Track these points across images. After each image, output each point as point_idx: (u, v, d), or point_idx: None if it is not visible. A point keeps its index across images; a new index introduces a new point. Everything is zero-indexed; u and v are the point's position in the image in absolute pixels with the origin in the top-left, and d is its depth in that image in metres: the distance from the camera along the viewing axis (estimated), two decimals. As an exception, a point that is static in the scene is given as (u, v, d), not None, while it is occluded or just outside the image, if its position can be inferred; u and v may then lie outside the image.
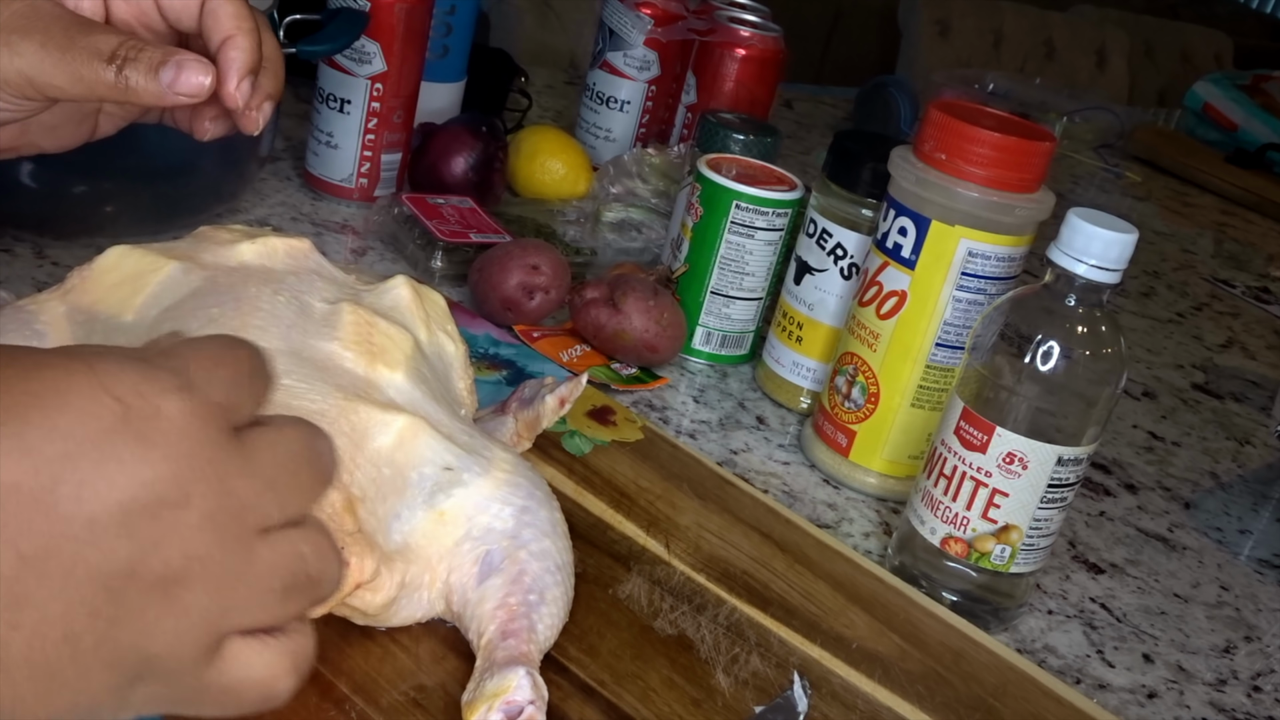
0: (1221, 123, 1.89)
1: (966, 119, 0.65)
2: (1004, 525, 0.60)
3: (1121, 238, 0.56)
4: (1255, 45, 3.40)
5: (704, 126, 0.88)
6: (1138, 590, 0.71)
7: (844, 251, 0.75)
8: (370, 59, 0.87)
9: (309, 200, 0.91)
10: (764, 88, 1.10)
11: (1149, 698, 0.62)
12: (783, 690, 0.51)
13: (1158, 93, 2.75)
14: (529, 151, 0.99)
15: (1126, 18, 2.81)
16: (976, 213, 0.65)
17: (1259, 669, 0.67)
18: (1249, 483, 0.89)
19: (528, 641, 0.46)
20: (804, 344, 0.78)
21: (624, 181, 0.98)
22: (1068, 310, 0.58)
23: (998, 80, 1.73)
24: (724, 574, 0.58)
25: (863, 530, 0.70)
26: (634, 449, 0.67)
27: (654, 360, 0.78)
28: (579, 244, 0.91)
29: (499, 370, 0.73)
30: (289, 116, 1.03)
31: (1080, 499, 0.80)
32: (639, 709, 0.48)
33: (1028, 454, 0.58)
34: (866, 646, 0.56)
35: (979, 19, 2.46)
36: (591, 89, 1.10)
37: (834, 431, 0.72)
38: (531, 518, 0.50)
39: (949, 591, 0.62)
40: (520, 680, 0.44)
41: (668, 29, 1.07)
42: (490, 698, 0.43)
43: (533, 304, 0.78)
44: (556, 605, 0.49)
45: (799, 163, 1.33)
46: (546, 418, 0.60)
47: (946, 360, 0.68)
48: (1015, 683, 0.56)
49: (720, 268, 0.80)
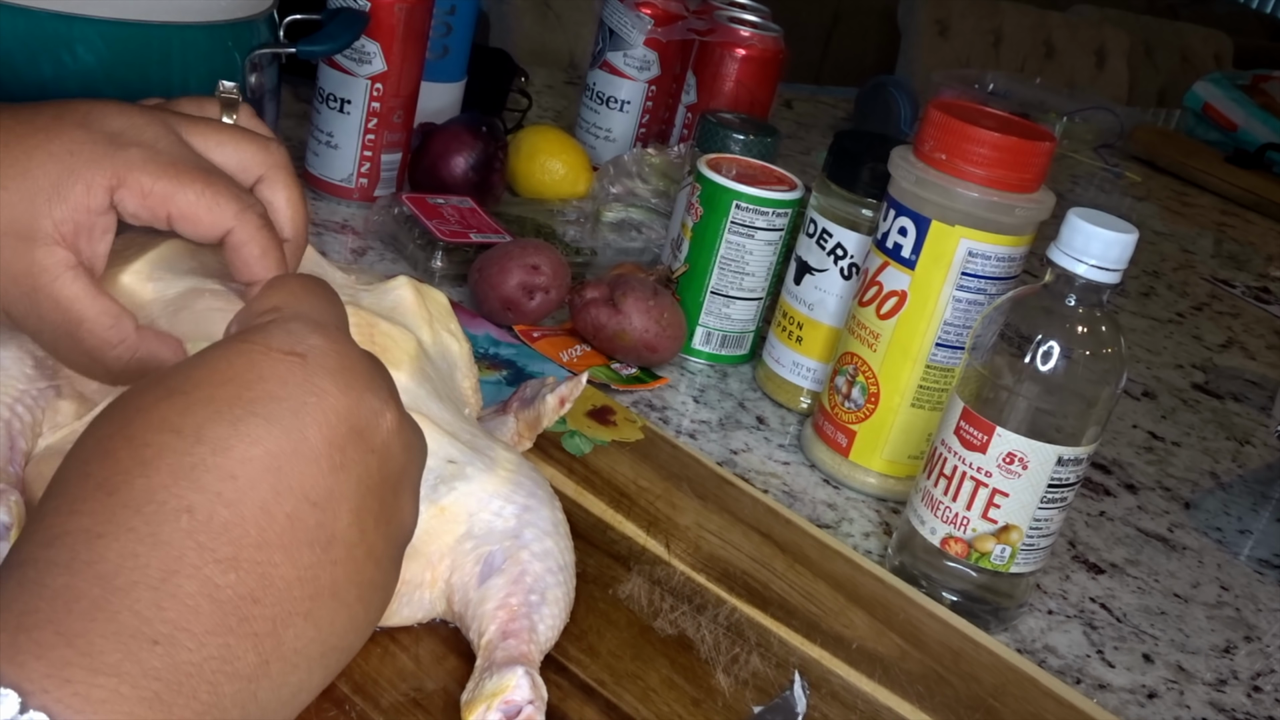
0: (1221, 123, 1.89)
1: (966, 119, 0.65)
2: (1004, 525, 0.60)
3: (1121, 238, 0.56)
4: (1255, 45, 3.40)
5: (704, 126, 0.88)
6: (1138, 590, 0.71)
7: (844, 251, 0.75)
8: (370, 59, 0.87)
9: (309, 200, 0.91)
10: (764, 88, 1.10)
11: (1149, 698, 0.62)
12: (782, 690, 0.51)
13: (1157, 93, 2.75)
14: (529, 151, 0.99)
15: (1126, 18, 2.81)
16: (976, 213, 0.65)
17: (1259, 669, 0.67)
18: (1249, 483, 0.89)
19: (528, 642, 0.46)
20: (804, 344, 0.78)
21: (624, 181, 0.98)
22: (1068, 310, 0.58)
23: (998, 80, 1.73)
24: (724, 574, 0.58)
25: (863, 530, 0.70)
26: (634, 449, 0.67)
27: (654, 360, 0.78)
28: (579, 244, 0.91)
29: (499, 370, 0.73)
30: (289, 117, 1.03)
31: (1080, 499, 0.80)
32: (639, 709, 0.48)
33: (1028, 454, 0.58)
34: (866, 646, 0.56)
35: (978, 19, 2.46)
36: (591, 89, 1.10)
37: (834, 431, 0.72)
38: (534, 517, 0.50)
39: (949, 591, 0.62)
40: (519, 680, 0.44)
41: (668, 29, 1.07)
42: (489, 697, 0.43)
43: (533, 304, 0.78)
44: (558, 605, 0.49)
45: (799, 163, 1.33)
46: (547, 417, 0.60)
47: (946, 360, 0.68)
48: (1015, 683, 0.56)
49: (720, 268, 0.80)
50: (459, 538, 0.48)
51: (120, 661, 0.27)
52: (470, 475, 0.49)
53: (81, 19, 0.61)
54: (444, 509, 0.48)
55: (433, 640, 0.49)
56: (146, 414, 0.32)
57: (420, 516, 0.47)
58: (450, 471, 0.48)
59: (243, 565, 0.30)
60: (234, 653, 0.30)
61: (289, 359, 0.34)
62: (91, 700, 0.26)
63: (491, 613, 0.47)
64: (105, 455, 0.32)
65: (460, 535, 0.48)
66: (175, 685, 0.28)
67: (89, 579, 0.28)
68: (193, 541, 0.30)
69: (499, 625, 0.46)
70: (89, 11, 0.61)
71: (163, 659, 0.28)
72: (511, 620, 0.47)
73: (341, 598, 0.33)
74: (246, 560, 0.30)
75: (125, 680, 0.27)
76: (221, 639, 0.29)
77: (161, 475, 0.31)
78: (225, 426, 0.32)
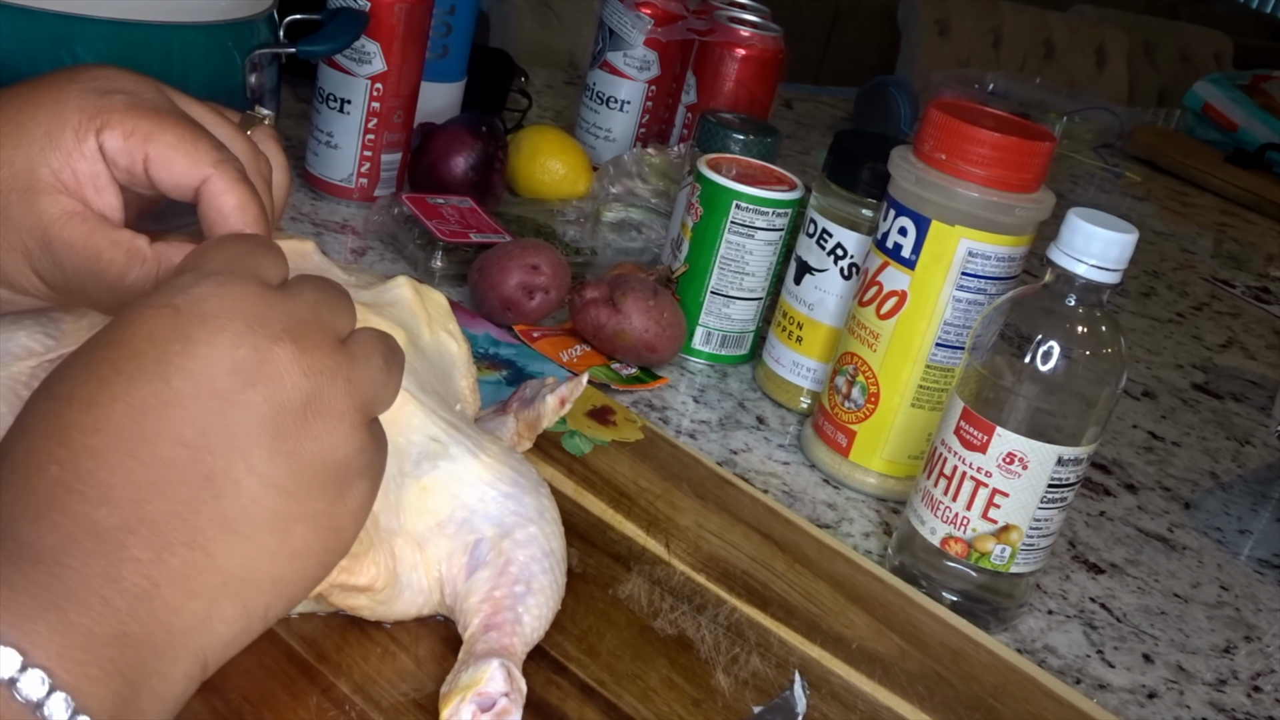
0: (1221, 123, 1.89)
1: (966, 119, 0.65)
2: (1004, 525, 0.60)
3: (1121, 238, 0.56)
4: (1255, 45, 3.40)
5: (704, 126, 0.88)
6: (1138, 590, 0.71)
7: (844, 251, 0.75)
8: (370, 59, 0.87)
9: (309, 200, 0.91)
10: (764, 88, 1.10)
11: (1149, 698, 0.62)
12: (782, 690, 0.51)
13: (1157, 93, 2.75)
14: (529, 151, 0.99)
15: (1126, 18, 2.81)
16: (976, 213, 0.65)
17: (1259, 669, 0.67)
18: (1249, 483, 0.89)
19: (510, 635, 0.46)
20: (804, 344, 0.78)
21: (624, 181, 0.98)
22: (1068, 310, 0.58)
23: (997, 80, 1.73)
24: (724, 574, 0.58)
25: (863, 530, 0.70)
26: (634, 449, 0.67)
27: (654, 360, 0.78)
28: (579, 244, 0.91)
29: (499, 370, 0.73)
30: (289, 117, 1.03)
31: (1080, 499, 0.80)
32: (639, 709, 0.48)
33: (1028, 454, 0.58)
34: (866, 646, 0.56)
35: (978, 19, 2.46)
36: (591, 89, 1.10)
37: (834, 431, 0.72)
38: (517, 504, 0.49)
39: (949, 591, 0.62)
40: (494, 672, 0.43)
41: (668, 29, 1.07)
42: (463, 690, 0.43)
43: (533, 304, 0.78)
44: (545, 594, 0.48)
45: (799, 163, 1.33)
46: (547, 418, 0.60)
47: (946, 360, 0.68)
48: (1015, 683, 0.56)
49: (720, 268, 0.80)
50: (442, 522, 0.48)
51: (12, 576, 0.31)
52: (455, 456, 0.49)
53: (81, 19, 0.61)
54: (425, 486, 0.48)
55: (433, 640, 0.49)
56: (41, 388, 0.36)
57: (400, 492, 0.47)
58: (434, 449, 0.48)
59: (113, 502, 0.34)
60: (117, 573, 0.33)
61: (161, 311, 0.36)
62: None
63: (476, 606, 0.47)
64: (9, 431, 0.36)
65: (444, 520, 0.48)
66: (65, 595, 0.32)
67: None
68: (61, 487, 0.33)
69: (482, 618, 0.46)
70: (89, 11, 0.61)
71: (47, 574, 0.32)
72: (495, 613, 0.46)
73: (234, 529, 0.35)
74: (117, 499, 0.34)
75: (19, 590, 0.31)
76: (102, 561, 0.33)
77: (35, 437, 0.35)
78: (93, 385, 0.35)
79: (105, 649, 0.32)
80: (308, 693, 0.44)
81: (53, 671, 0.30)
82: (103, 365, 0.35)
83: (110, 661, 0.32)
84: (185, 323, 0.35)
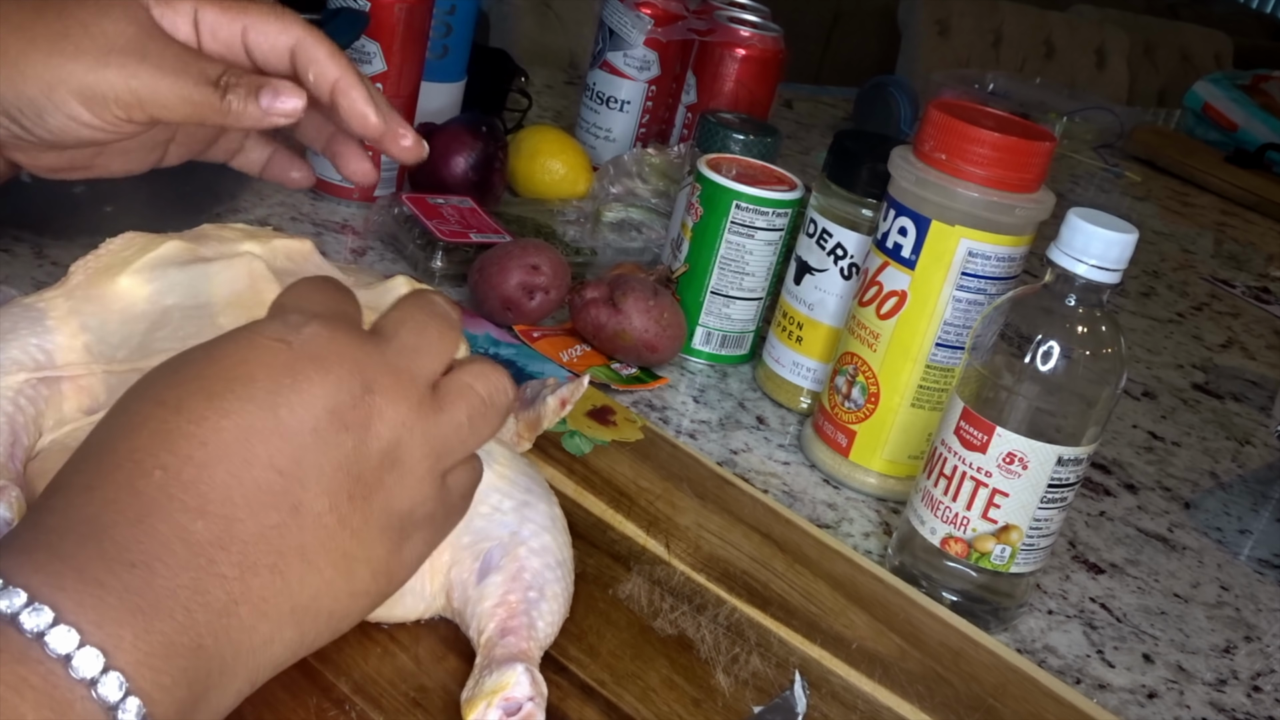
0: (1221, 123, 1.89)
1: (966, 119, 0.65)
2: (1004, 525, 0.60)
3: (1121, 238, 0.56)
4: (1255, 45, 3.40)
5: (704, 126, 0.88)
6: (1138, 590, 0.71)
7: (844, 251, 0.75)
8: (370, 59, 0.87)
9: (309, 200, 0.91)
10: (764, 88, 1.10)
11: (1149, 698, 0.62)
12: (782, 690, 0.51)
13: (1157, 93, 2.75)
14: (529, 151, 0.99)
15: (1126, 18, 2.81)
16: (976, 213, 0.65)
17: (1259, 669, 0.67)
18: (1249, 483, 0.89)
19: (527, 639, 0.46)
20: (804, 344, 0.78)
21: (624, 181, 0.98)
22: (1068, 310, 0.58)
23: (998, 80, 1.73)
24: (724, 574, 0.58)
25: (863, 530, 0.70)
26: (634, 449, 0.67)
27: (654, 360, 0.78)
28: (579, 244, 0.91)
29: (499, 370, 0.73)
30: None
31: (1080, 499, 0.80)
32: (639, 709, 0.48)
33: (1028, 454, 0.58)
34: (866, 646, 0.56)
35: (978, 19, 2.46)
36: (591, 89, 1.10)
37: (834, 431, 0.72)
38: (531, 512, 0.50)
39: (949, 591, 0.62)
40: (519, 677, 0.44)
41: (668, 29, 1.07)
42: (489, 695, 0.43)
43: (533, 304, 0.78)
44: (557, 601, 0.49)
45: (799, 163, 1.33)
46: (548, 418, 0.60)
47: (946, 360, 0.68)
48: (1015, 683, 0.56)
49: (720, 268, 0.80)
50: (456, 531, 0.48)
51: (104, 577, 0.32)
52: None
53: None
54: None
55: (433, 640, 0.49)
56: (142, 390, 0.37)
57: None
58: None
59: (209, 515, 0.35)
60: (204, 586, 0.34)
61: (275, 344, 0.37)
62: (83, 604, 0.32)
63: (490, 610, 0.47)
64: (104, 426, 0.37)
65: (457, 529, 0.48)
66: (153, 602, 0.33)
67: (79, 520, 0.34)
68: (164, 494, 0.34)
69: (498, 623, 0.46)
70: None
71: (139, 580, 0.33)
72: (511, 617, 0.47)
73: (310, 560, 0.37)
74: (213, 513, 0.35)
75: (110, 592, 0.32)
76: (192, 573, 0.34)
77: (142, 438, 0.35)
78: (203, 400, 0.36)
79: (180, 659, 0.33)
80: (307, 693, 0.44)
81: (130, 676, 0.31)
82: (215, 382, 0.36)
83: (182, 671, 0.33)
84: (296, 359, 0.37)
